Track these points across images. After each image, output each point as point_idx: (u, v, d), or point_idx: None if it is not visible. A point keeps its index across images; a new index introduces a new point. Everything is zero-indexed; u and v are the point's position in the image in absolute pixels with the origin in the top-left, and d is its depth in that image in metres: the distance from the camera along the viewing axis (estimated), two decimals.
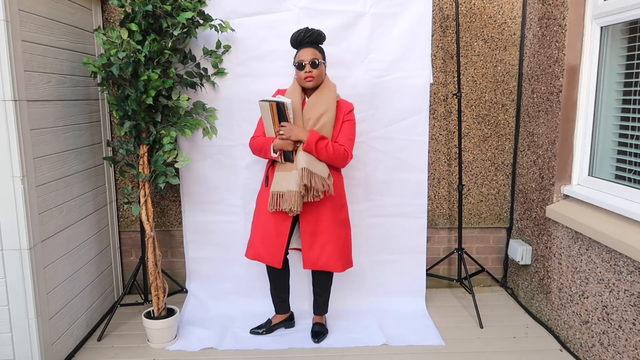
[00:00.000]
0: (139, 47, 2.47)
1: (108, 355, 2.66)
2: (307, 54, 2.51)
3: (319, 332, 2.79)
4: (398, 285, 3.15)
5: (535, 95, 3.09)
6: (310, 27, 2.56)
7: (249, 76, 2.92)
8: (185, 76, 2.86)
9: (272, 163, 2.63)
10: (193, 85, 2.86)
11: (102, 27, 3.10)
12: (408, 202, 3.09)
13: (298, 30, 2.55)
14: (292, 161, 2.52)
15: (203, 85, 2.93)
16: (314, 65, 2.50)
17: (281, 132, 2.48)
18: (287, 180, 2.51)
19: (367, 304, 3.12)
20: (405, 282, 3.15)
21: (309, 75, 2.50)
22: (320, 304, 2.85)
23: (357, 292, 3.14)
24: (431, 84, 3.21)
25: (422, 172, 3.06)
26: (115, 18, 3.12)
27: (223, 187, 3.05)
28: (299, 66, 2.52)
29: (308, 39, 2.54)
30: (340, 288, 3.11)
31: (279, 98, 2.44)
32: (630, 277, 2.20)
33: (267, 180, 2.63)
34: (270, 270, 2.77)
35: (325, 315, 2.94)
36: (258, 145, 2.58)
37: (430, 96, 3.24)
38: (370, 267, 3.14)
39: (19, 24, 2.22)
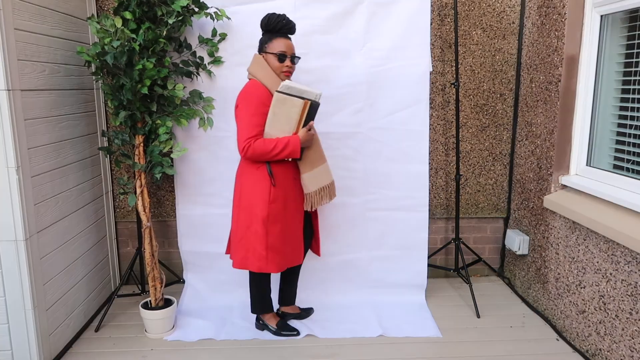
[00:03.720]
0: (134, 35, 2.44)
1: (106, 345, 2.66)
2: (291, 47, 2.42)
3: (306, 312, 2.89)
4: (398, 280, 3.12)
5: (533, 85, 3.07)
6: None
7: (245, 65, 2.88)
8: (181, 65, 2.83)
9: (276, 162, 2.44)
10: (189, 74, 2.83)
11: (95, 15, 3.06)
12: (408, 195, 3.04)
13: (278, 15, 2.40)
14: (300, 158, 2.42)
15: (199, 74, 2.90)
16: (294, 61, 2.43)
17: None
18: (323, 175, 2.50)
19: (365, 296, 3.11)
20: (406, 278, 3.12)
21: (290, 71, 2.43)
22: (295, 293, 2.90)
23: (355, 286, 3.12)
24: (430, 73, 3.19)
25: (423, 164, 3.01)
26: (109, 6, 3.08)
27: (218, 179, 3.01)
28: (281, 57, 2.39)
29: (291, 30, 2.42)
30: (338, 281, 3.10)
31: (302, 86, 2.21)
32: (628, 267, 2.20)
33: (273, 181, 2.42)
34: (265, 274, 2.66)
35: None
36: (278, 145, 2.31)
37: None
38: (370, 261, 3.10)
39: (11, 12, 2.18)
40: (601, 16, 2.58)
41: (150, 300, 2.75)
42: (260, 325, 2.77)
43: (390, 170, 3.03)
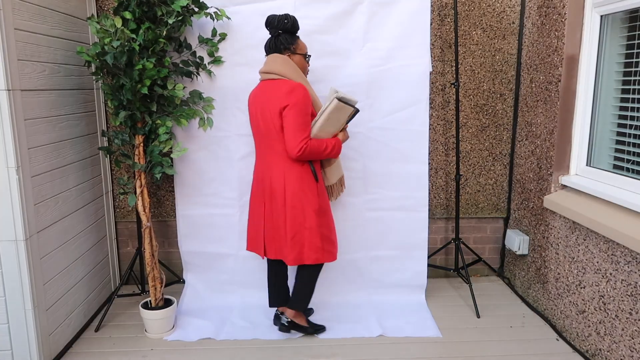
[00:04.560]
0: (133, 35, 2.44)
1: (106, 345, 2.66)
2: None
3: (306, 312, 2.95)
4: (398, 281, 3.11)
5: (533, 85, 3.07)
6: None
7: (245, 65, 2.89)
8: (181, 65, 2.82)
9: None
10: (189, 74, 2.83)
11: (95, 15, 3.06)
12: (408, 195, 3.03)
13: (291, 16, 2.44)
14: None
15: (199, 74, 2.90)
16: None
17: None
18: (338, 168, 2.65)
19: (365, 296, 3.10)
20: (406, 278, 3.11)
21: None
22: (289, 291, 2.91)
23: (355, 286, 3.11)
24: (430, 73, 3.19)
25: (423, 164, 3.00)
26: (109, 6, 3.08)
27: (218, 179, 3.01)
28: (307, 57, 2.54)
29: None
30: (339, 281, 3.10)
31: (348, 95, 2.38)
32: (628, 267, 2.20)
33: (316, 177, 2.51)
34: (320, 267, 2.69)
35: None
36: (328, 146, 2.45)
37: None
38: (370, 262, 3.10)
39: (11, 12, 2.18)
40: (601, 16, 2.58)
41: (150, 300, 2.75)
42: (286, 327, 2.66)
43: (390, 170, 3.02)
